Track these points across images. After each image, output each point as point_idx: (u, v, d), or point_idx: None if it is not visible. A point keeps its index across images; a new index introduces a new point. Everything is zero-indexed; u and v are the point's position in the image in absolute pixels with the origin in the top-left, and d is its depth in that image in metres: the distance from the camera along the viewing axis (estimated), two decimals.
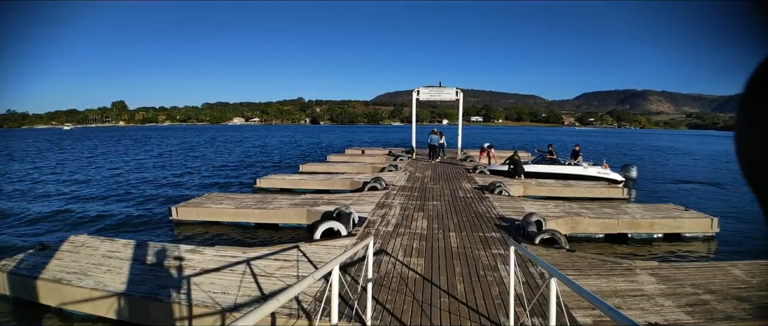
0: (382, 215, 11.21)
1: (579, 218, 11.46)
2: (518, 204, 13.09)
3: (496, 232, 9.63)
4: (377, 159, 27.72)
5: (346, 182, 17.77)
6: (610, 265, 7.69)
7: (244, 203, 13.23)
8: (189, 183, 22.06)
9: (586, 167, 19.92)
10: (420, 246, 8.43)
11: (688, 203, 14.90)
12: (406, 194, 14.49)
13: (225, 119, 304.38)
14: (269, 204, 12.89)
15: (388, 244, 8.50)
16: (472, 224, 10.29)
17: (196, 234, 11.96)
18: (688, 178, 26.58)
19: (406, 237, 9.00)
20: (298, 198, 13.77)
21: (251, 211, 12.39)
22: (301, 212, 12.01)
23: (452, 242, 8.74)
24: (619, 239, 11.56)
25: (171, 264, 7.67)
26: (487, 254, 8.01)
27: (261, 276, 6.98)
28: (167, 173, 26.37)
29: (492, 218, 11.05)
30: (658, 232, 11.76)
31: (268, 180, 18.73)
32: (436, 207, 12.34)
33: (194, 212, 12.88)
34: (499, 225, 10.28)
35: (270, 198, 13.88)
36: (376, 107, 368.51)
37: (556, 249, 8.50)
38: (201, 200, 13.91)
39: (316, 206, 12.39)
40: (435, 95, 27.52)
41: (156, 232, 12.50)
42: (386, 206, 12.45)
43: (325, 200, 13.34)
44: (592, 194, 16.76)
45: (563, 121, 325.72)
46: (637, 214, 12.24)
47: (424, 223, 10.33)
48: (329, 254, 7.95)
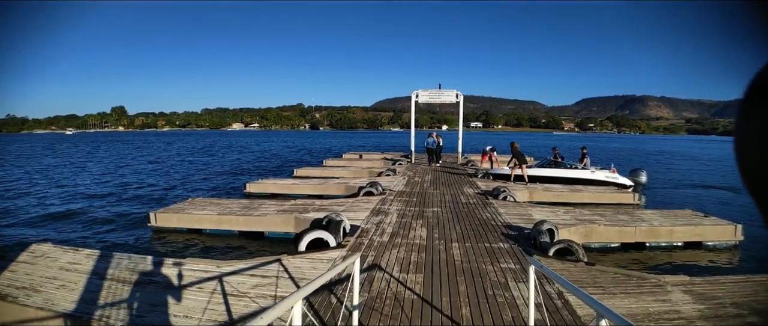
0: (377, 222, 10.17)
1: (593, 226, 10.46)
2: (525, 211, 12.09)
3: (503, 242, 8.61)
4: (375, 164, 26.71)
5: (340, 187, 16.76)
6: (636, 281, 6.69)
7: (228, 209, 12.22)
8: (178, 187, 21.06)
9: (593, 171, 18.98)
10: (418, 259, 7.39)
11: (703, 208, 13.93)
12: (404, 199, 13.48)
13: (224, 124, 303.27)
14: (255, 211, 11.86)
15: (382, 257, 7.46)
16: (476, 234, 9.26)
17: (173, 243, 10.97)
18: (699, 182, 25.63)
19: (403, 249, 7.97)
20: (287, 204, 12.76)
21: (235, 218, 11.37)
22: (289, 219, 10.98)
23: (455, 254, 7.71)
24: (636, 249, 10.57)
25: (132, 279, 6.68)
26: (496, 269, 6.98)
27: (233, 295, 5.98)
28: (157, 179, 25.31)
29: (498, 226, 10.02)
30: (677, 240, 10.81)
31: (258, 185, 17.68)
32: (436, 214, 11.31)
33: (174, 219, 11.89)
34: (507, 235, 9.26)
35: (257, 204, 12.85)
36: (376, 112, 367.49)
37: (573, 261, 7.49)
38: (182, 205, 12.90)
39: (305, 212, 11.38)
40: (434, 97, 26.50)
41: (132, 240, 11.55)
42: (382, 212, 11.42)
43: (316, 206, 12.33)
44: (602, 199, 15.85)
45: (563, 126, 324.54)
46: (655, 221, 11.27)
47: (424, 232, 9.29)
48: (314, 269, 6.93)
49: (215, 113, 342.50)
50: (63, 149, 57.73)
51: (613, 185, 18.33)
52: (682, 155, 55.99)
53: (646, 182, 19.76)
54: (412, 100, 25.77)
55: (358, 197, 14.06)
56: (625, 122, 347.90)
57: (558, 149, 21.55)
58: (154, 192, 19.86)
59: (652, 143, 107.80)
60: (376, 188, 14.65)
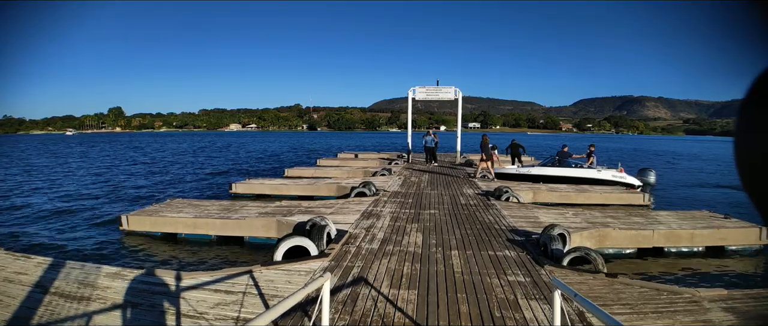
0: (367, 227, 9.12)
1: (606, 230, 9.44)
2: (531, 213, 11.07)
3: (509, 249, 7.57)
4: (370, 163, 25.59)
5: (331, 187, 15.71)
6: (667, 296, 5.69)
7: (206, 211, 11.16)
8: (164, 188, 20.00)
9: (599, 170, 17.99)
10: (412, 270, 6.35)
11: (717, 209, 12.94)
12: (399, 200, 12.45)
13: (222, 125, 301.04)
14: (235, 214, 10.81)
15: (370, 269, 6.41)
16: (478, 240, 8.22)
17: (141, 250, 9.93)
18: (707, 182, 24.65)
19: (395, 258, 6.92)
20: (271, 206, 11.71)
21: (211, 222, 10.32)
22: (270, 223, 9.91)
23: (455, 264, 6.67)
24: (653, 255, 9.57)
25: (78, 294, 5.73)
26: (503, 282, 5.95)
27: (188, 316, 4.97)
28: (144, 179, 24.22)
29: (502, 231, 8.99)
30: (698, 245, 9.82)
31: (244, 185, 16.61)
32: (433, 217, 10.28)
33: (147, 222, 10.86)
34: (513, 241, 8.22)
35: (238, 206, 11.80)
36: (374, 113, 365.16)
37: (591, 273, 6.47)
38: (156, 207, 11.85)
39: (290, 215, 10.34)
40: (432, 94, 25.45)
41: (96, 246, 10.53)
42: (374, 215, 10.38)
43: (302, 208, 11.28)
44: (610, 200, 14.87)
45: (561, 127, 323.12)
46: (673, 224, 10.27)
47: (419, 238, 8.23)
48: (289, 283, 5.90)
49: (213, 113, 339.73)
50: (57, 150, 56.45)
51: (621, 185, 17.34)
52: (685, 155, 55.04)
53: (655, 182, 18.75)
54: (409, 96, 24.73)
55: (349, 198, 13.03)
56: (623, 123, 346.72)
57: (568, 146, 20.44)
58: (137, 193, 18.82)
59: (652, 143, 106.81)
60: (369, 188, 13.63)
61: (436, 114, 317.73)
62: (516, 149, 22.83)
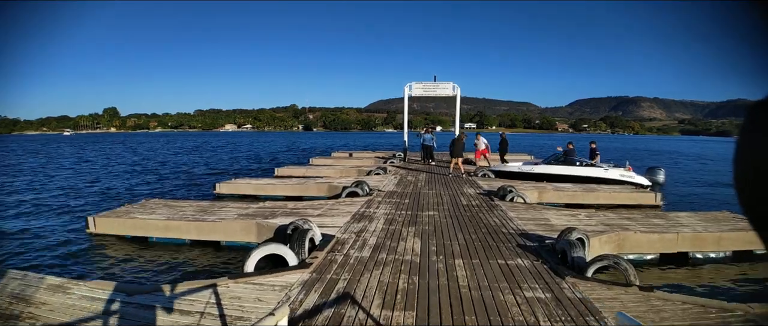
0: (357, 231, 8.07)
1: (626, 234, 8.41)
2: (540, 214, 10.05)
3: (522, 257, 6.53)
4: (365, 162, 24.49)
5: (322, 187, 14.62)
6: (717, 314, 4.73)
7: (181, 213, 10.09)
8: (146, 187, 18.88)
9: (606, 168, 17.00)
10: (409, 285, 5.29)
11: (736, 209, 11.97)
12: (394, 201, 11.40)
13: (217, 125, 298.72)
14: (212, 215, 9.74)
15: (358, 283, 5.35)
16: (485, 246, 7.17)
17: (107, 255, 8.88)
18: (716, 181, 23.67)
19: (388, 269, 5.86)
20: (253, 207, 10.64)
21: (185, 224, 9.24)
22: (249, 226, 8.82)
23: (459, 276, 5.62)
24: (677, 262, 8.55)
25: (10, 310, 4.72)
26: (519, 298, 4.92)
27: None
28: (129, 179, 23.04)
29: (511, 235, 7.95)
30: (725, 250, 8.81)
31: (229, 185, 15.50)
32: (432, 220, 9.23)
33: (116, 225, 9.80)
34: (524, 246, 7.17)
35: (218, 207, 10.74)
36: (370, 114, 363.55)
37: (622, 285, 5.45)
38: (127, 208, 10.75)
39: (272, 217, 9.29)
40: (429, 90, 24.40)
41: (60, 250, 9.45)
42: (366, 217, 9.32)
43: (287, 209, 10.22)
44: (620, 200, 13.92)
45: (557, 127, 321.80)
46: (697, 226, 9.25)
47: (417, 244, 7.18)
48: (259, 301, 4.85)
49: (208, 114, 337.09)
50: (49, 150, 55.06)
51: (629, 184, 16.36)
52: (686, 154, 54.12)
53: (665, 181, 17.77)
54: (405, 92, 23.67)
55: (340, 198, 11.98)
56: (619, 123, 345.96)
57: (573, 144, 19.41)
58: (117, 193, 17.69)
59: (649, 143, 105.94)
60: (362, 188, 12.58)
61: (432, 115, 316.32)
62: (505, 144, 22.15)
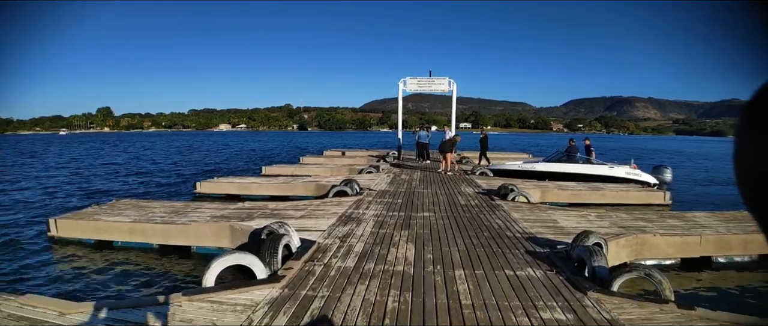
0: (343, 235, 7.11)
1: (644, 237, 7.50)
2: (546, 215, 9.13)
3: (533, 267, 5.58)
4: (358, 161, 23.52)
5: (309, 186, 13.64)
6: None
7: (150, 214, 9.11)
8: (124, 187, 17.86)
9: (611, 166, 16.15)
10: (400, 304, 4.33)
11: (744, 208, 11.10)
12: (386, 201, 10.46)
13: (211, 125, 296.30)
14: (183, 217, 8.77)
15: (339, 302, 4.37)
16: (489, 252, 6.23)
17: (64, 261, 7.98)
18: (722, 179, 22.88)
19: (376, 284, 4.90)
20: (230, 208, 9.66)
21: (152, 227, 8.26)
22: (222, 229, 7.81)
23: (461, 292, 4.67)
24: (701, 267, 7.65)
25: None
26: (535, 322, 3.98)
27: None
28: (110, 179, 21.97)
29: (517, 240, 7.00)
30: (752, 254, 7.90)
31: (210, 184, 14.51)
32: (428, 222, 8.27)
33: (78, 227, 8.81)
34: (534, 253, 6.23)
35: (192, 208, 9.76)
36: (365, 113, 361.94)
37: (656, 302, 4.53)
38: (93, 210, 9.73)
39: (250, 219, 8.34)
40: (424, 86, 23.53)
41: (15, 256, 8.47)
42: (353, 219, 8.36)
43: (267, 210, 9.26)
44: (628, 199, 13.08)
45: (552, 127, 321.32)
46: (720, 228, 8.37)
47: (410, 251, 6.22)
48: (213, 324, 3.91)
49: (202, 113, 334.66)
50: (38, 150, 53.73)
51: (635, 182, 15.51)
52: (684, 153, 53.43)
53: (671, 180, 16.91)
54: (400, 88, 22.77)
55: (327, 198, 11.02)
56: (614, 123, 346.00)
57: (574, 141, 18.56)
58: (96, 192, 16.66)
59: (645, 143, 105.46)
60: (351, 187, 11.62)
61: (427, 114, 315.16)
62: (485, 142, 21.71)
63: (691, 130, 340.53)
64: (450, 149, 17.18)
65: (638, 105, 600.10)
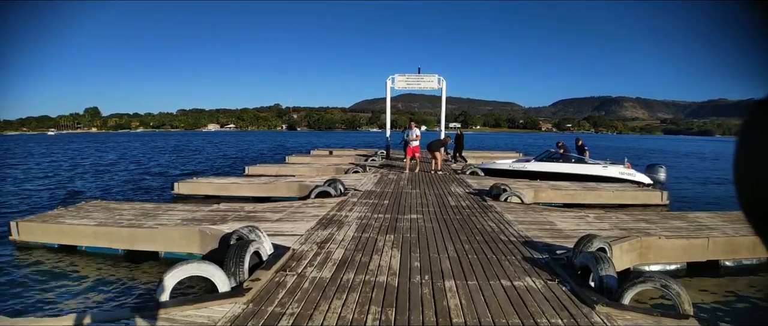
0: (322, 241, 6.46)
1: (649, 240, 6.95)
2: (542, 217, 8.57)
3: (532, 275, 4.99)
4: (345, 160, 22.84)
5: (292, 186, 12.99)
6: None
7: (118, 217, 8.44)
8: (102, 189, 17.10)
9: (605, 166, 15.68)
10: (380, 324, 3.74)
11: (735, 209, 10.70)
12: (372, 202, 9.85)
13: (200, 125, 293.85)
14: (153, 219, 8.12)
15: (311, 320, 3.72)
16: (482, 259, 5.62)
17: (25, 268, 7.28)
18: (716, 178, 22.55)
19: (355, 297, 4.27)
20: (204, 210, 9.00)
21: (117, 231, 7.59)
22: (191, 234, 7.15)
23: (452, 308, 4.05)
24: (708, 272, 7.13)
25: None
26: None
27: None
28: (89, 180, 21.16)
29: (513, 244, 6.41)
30: (761, 256, 7.42)
31: (189, 185, 13.81)
32: (415, 225, 7.67)
33: (41, 231, 8.13)
34: (532, 259, 5.64)
35: (163, 210, 9.10)
36: (355, 113, 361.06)
37: (674, 317, 3.97)
38: (58, 212, 9.04)
39: (223, 222, 7.70)
40: (413, 83, 23.03)
41: None
42: (335, 222, 7.74)
43: (242, 213, 8.62)
44: (624, 199, 12.62)
45: (541, 127, 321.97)
46: (727, 229, 7.87)
47: (395, 258, 5.60)
48: None
49: (191, 113, 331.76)
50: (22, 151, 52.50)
51: (629, 182, 15.06)
52: (672, 152, 53.33)
53: (666, 179, 16.46)
54: (388, 85, 22.22)
55: (309, 199, 10.39)
56: (602, 123, 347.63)
57: (563, 143, 18.13)
58: (69, 194, 15.89)
59: (634, 142, 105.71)
60: (335, 187, 10.98)
61: (416, 114, 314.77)
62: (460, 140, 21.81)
63: (678, 129, 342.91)
64: (439, 148, 16.67)
65: (626, 105, 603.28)
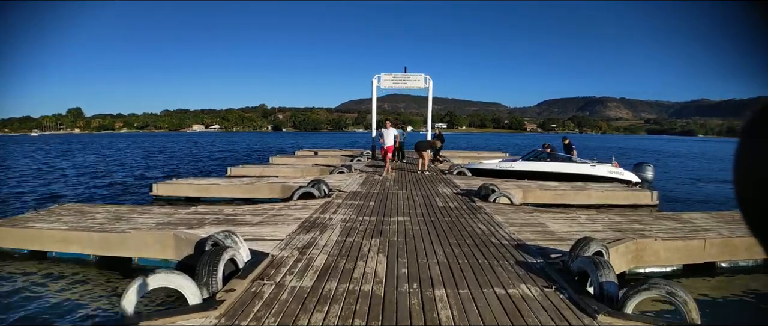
0: (303, 245, 6.08)
1: (645, 242, 6.68)
2: (533, 218, 8.29)
3: (527, 282, 4.67)
4: (330, 160, 22.42)
5: (274, 188, 12.58)
6: None
7: (90, 220, 7.99)
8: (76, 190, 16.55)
9: (593, 164, 15.50)
10: None
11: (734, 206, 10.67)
12: (357, 204, 9.50)
13: (184, 126, 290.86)
14: (127, 223, 7.69)
15: None
16: (473, 265, 5.29)
17: None
18: (706, 178, 22.52)
19: (337, 310, 3.90)
20: (181, 213, 8.60)
21: (87, 235, 7.15)
22: (166, 238, 6.72)
23: (442, 319, 3.71)
24: (705, 274, 6.90)
25: None
26: None
27: None
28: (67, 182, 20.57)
29: (505, 248, 6.09)
30: (757, 258, 7.19)
31: (168, 186, 13.33)
32: (402, 228, 7.32)
33: (9, 236, 7.65)
34: (526, 264, 5.32)
35: (138, 213, 8.65)
36: (341, 114, 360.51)
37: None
38: (29, 216, 8.57)
39: (200, 226, 7.30)
40: (399, 82, 22.70)
41: None
42: (318, 225, 7.37)
43: (221, 216, 8.21)
44: (614, 199, 12.45)
45: (526, 127, 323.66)
46: (723, 230, 7.64)
47: (382, 264, 5.25)
48: None
49: (175, 114, 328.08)
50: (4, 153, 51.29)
51: (618, 181, 14.89)
52: (659, 152, 53.61)
53: (653, 178, 16.31)
54: (374, 84, 21.86)
55: (291, 201, 10.00)
56: (587, 123, 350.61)
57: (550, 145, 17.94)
58: (44, 196, 15.32)
59: (619, 142, 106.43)
60: (318, 188, 10.60)
61: (402, 114, 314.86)
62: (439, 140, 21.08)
63: (662, 129, 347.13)
64: (426, 149, 16.36)
65: (610, 105, 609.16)
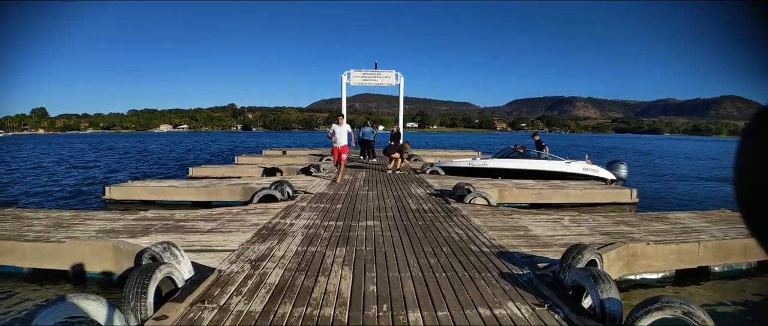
0: (257, 257, 5.30)
1: (636, 247, 6.13)
2: (513, 221, 7.68)
3: (515, 299, 4.00)
4: (298, 160, 21.60)
5: (235, 190, 11.70)
6: None
7: (26, 228, 7.05)
8: (19, 194, 15.38)
9: (568, 162, 15.15)
10: None
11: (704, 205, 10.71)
12: (323, 207, 8.76)
13: (152, 126, 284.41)
14: (65, 231, 6.80)
15: None
16: (452, 278, 4.59)
17: None
18: (678, 176, 22.48)
19: None
20: (127, 219, 7.73)
21: (20, 246, 6.22)
22: (104, 249, 5.83)
23: None
24: (699, 279, 6.39)
25: None
26: None
27: None
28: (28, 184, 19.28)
29: (486, 257, 5.42)
30: (752, 260, 6.76)
31: (121, 189, 12.31)
32: (372, 234, 6.58)
33: None
34: (511, 276, 4.66)
35: (81, 219, 7.72)
36: (312, 113, 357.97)
37: None
38: None
39: (145, 234, 6.47)
40: (369, 78, 22.15)
41: None
42: (277, 233, 6.57)
43: (171, 222, 7.36)
44: (592, 197, 12.09)
45: (496, 126, 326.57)
46: (714, 231, 7.17)
47: (346, 281, 4.49)
48: None
49: (142, 114, 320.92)
50: None
51: (593, 179, 14.53)
52: (628, 150, 54.18)
53: (627, 175, 16.00)
54: (343, 81, 21.17)
55: (250, 204, 9.21)
56: (556, 122, 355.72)
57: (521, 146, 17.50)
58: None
59: (588, 140, 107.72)
60: (282, 190, 9.80)
61: (374, 114, 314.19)
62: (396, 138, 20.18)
63: (629, 128, 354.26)
64: (395, 152, 15.73)
65: (578, 104, 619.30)
